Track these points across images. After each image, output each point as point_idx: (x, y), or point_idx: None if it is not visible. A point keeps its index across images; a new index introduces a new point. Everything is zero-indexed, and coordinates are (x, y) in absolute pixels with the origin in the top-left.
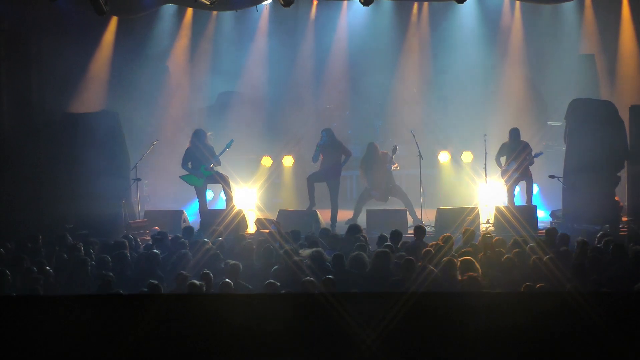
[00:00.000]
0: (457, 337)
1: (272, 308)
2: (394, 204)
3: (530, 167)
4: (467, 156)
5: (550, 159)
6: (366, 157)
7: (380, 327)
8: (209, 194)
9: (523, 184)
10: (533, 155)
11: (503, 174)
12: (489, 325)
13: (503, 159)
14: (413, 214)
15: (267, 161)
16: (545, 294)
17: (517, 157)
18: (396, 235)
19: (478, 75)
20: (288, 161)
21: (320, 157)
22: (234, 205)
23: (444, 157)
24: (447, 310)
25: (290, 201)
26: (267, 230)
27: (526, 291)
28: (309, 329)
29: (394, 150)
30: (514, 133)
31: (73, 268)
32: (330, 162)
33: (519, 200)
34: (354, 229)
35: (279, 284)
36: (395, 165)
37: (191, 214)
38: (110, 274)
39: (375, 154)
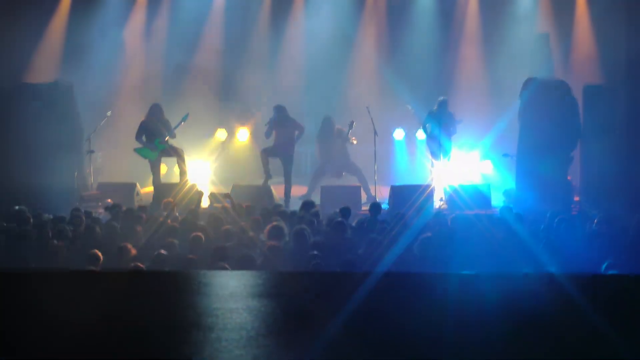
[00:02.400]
0: (426, 316)
1: (229, 285)
2: (349, 181)
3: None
4: (421, 134)
5: (505, 137)
6: (321, 131)
7: (344, 306)
8: (163, 168)
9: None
10: (456, 120)
11: (428, 142)
12: (454, 306)
13: (428, 127)
14: (367, 191)
15: (221, 134)
16: (505, 275)
17: (442, 126)
18: (346, 211)
19: (434, 53)
20: (243, 135)
21: (274, 133)
22: (187, 180)
23: (399, 134)
24: (415, 290)
25: (245, 175)
26: (221, 205)
27: (487, 273)
28: (267, 308)
29: (351, 126)
30: (443, 102)
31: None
32: (283, 138)
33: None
34: (308, 205)
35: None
36: (352, 139)
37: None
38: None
39: (331, 129)
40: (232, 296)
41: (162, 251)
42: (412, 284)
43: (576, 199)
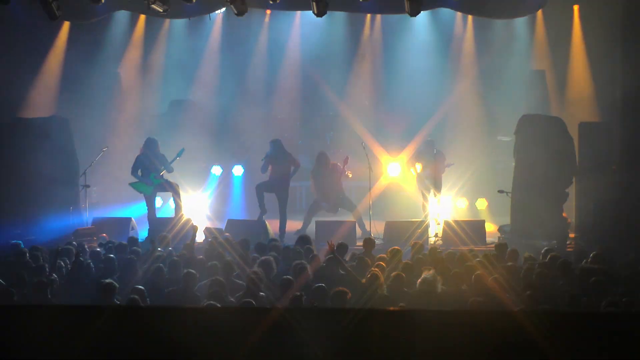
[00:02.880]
0: (404, 354)
1: (224, 321)
2: (343, 216)
3: (477, 181)
4: (417, 169)
5: (500, 173)
6: (316, 167)
7: (328, 343)
8: (158, 201)
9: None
10: (446, 165)
11: (418, 182)
12: (436, 343)
13: (420, 166)
14: (362, 226)
15: (217, 170)
16: (491, 312)
17: (431, 165)
18: (342, 247)
19: (430, 89)
20: (238, 170)
21: (269, 168)
22: (182, 214)
23: (393, 169)
24: (395, 327)
25: (240, 211)
26: (216, 240)
27: (473, 309)
28: (260, 343)
29: (346, 162)
30: (429, 143)
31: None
32: (278, 173)
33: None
34: (303, 239)
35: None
36: (348, 172)
37: (139, 220)
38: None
39: (326, 164)
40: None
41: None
42: (401, 321)
43: (571, 235)
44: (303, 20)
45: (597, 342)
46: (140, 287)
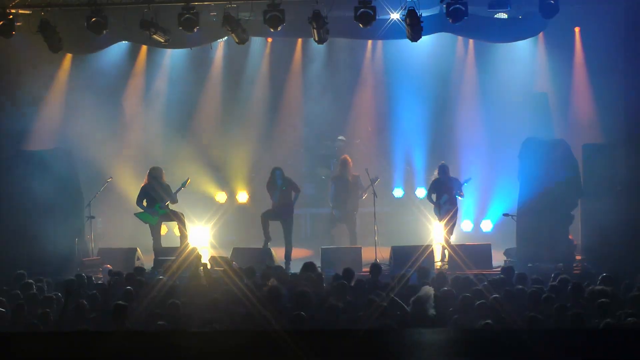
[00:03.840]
0: None
1: (228, 345)
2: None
3: (483, 204)
4: (420, 192)
5: (504, 197)
6: (338, 172)
7: None
8: (163, 230)
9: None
10: (462, 181)
11: (436, 210)
12: None
13: (434, 196)
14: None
15: (221, 197)
16: (499, 331)
17: (447, 191)
18: (348, 272)
19: (432, 112)
20: (242, 197)
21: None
22: (188, 243)
23: (397, 192)
24: (399, 347)
25: (245, 239)
26: (222, 268)
27: (480, 328)
28: None
29: (374, 181)
30: (443, 168)
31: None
32: (283, 200)
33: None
34: (309, 266)
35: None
36: (364, 193)
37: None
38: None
39: (348, 171)
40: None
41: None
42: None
43: (578, 257)
44: (304, 47)
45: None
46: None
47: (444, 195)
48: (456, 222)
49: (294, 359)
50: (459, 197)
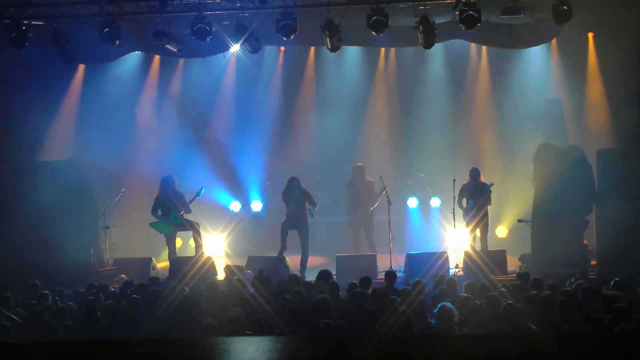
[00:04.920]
0: None
1: (244, 351)
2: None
3: (497, 210)
4: (435, 202)
5: (519, 202)
6: (352, 179)
7: None
8: (178, 242)
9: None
10: (486, 188)
11: (465, 215)
12: None
13: (464, 201)
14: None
15: (235, 206)
16: (517, 336)
17: (476, 197)
18: (366, 281)
19: (446, 120)
20: (257, 206)
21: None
22: (203, 252)
23: (412, 202)
24: (419, 352)
25: (259, 247)
26: (237, 277)
27: (499, 333)
28: None
29: (382, 189)
30: (474, 173)
31: (42, 316)
32: (299, 210)
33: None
34: (324, 274)
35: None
36: (375, 204)
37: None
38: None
39: (362, 177)
40: None
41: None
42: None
43: (593, 262)
44: (317, 56)
45: None
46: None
47: (470, 201)
48: (486, 229)
49: None
50: (488, 204)
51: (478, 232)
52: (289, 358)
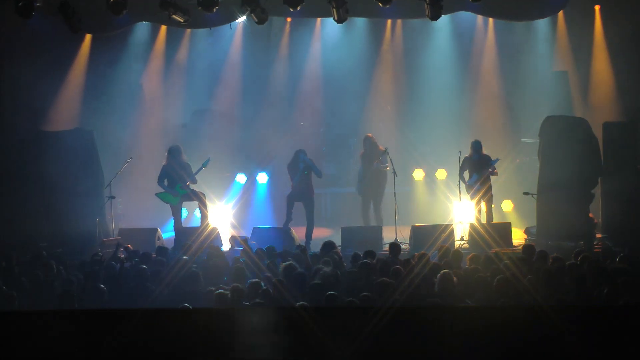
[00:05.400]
0: (434, 350)
1: (250, 321)
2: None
3: (503, 183)
4: (441, 174)
5: (524, 175)
6: (366, 150)
7: (358, 341)
8: (183, 212)
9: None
10: (492, 162)
11: (468, 188)
12: (466, 339)
13: (466, 174)
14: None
15: (241, 178)
16: (521, 308)
17: (479, 170)
18: (370, 254)
19: (452, 92)
20: (262, 178)
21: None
22: (208, 223)
23: (418, 174)
24: (424, 325)
25: (265, 219)
26: (241, 248)
27: (503, 305)
28: (287, 343)
29: (385, 152)
30: (476, 145)
31: (46, 287)
32: (303, 182)
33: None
34: (328, 245)
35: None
36: (387, 166)
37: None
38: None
39: (374, 145)
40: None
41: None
42: (425, 318)
43: (598, 235)
44: (323, 27)
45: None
46: None
47: (474, 175)
48: (491, 201)
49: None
50: (493, 175)
51: (483, 204)
52: (293, 329)
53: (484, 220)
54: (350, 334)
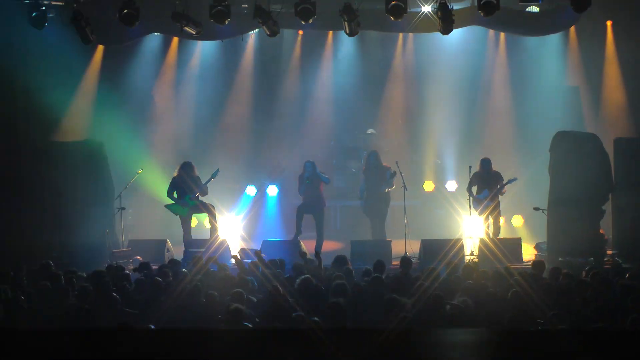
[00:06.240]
0: None
1: (260, 344)
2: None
3: (512, 198)
4: (451, 185)
5: (535, 191)
6: (367, 166)
7: None
8: (193, 222)
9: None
10: (507, 181)
11: (476, 204)
12: None
13: (475, 189)
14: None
15: (251, 190)
16: (529, 332)
17: (489, 186)
18: (380, 265)
19: (463, 106)
20: (272, 190)
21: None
22: (217, 235)
23: (428, 186)
24: (432, 347)
25: (274, 231)
26: (251, 261)
27: (512, 328)
28: None
29: (393, 175)
30: (485, 163)
31: (55, 298)
32: (310, 193)
33: (505, 231)
34: (340, 260)
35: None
36: (391, 187)
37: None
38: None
39: (378, 161)
40: None
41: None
42: (434, 341)
43: (609, 252)
44: (335, 40)
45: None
46: None
47: (485, 190)
48: (498, 217)
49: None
50: (500, 194)
51: (491, 220)
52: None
53: (491, 235)
54: (360, 356)
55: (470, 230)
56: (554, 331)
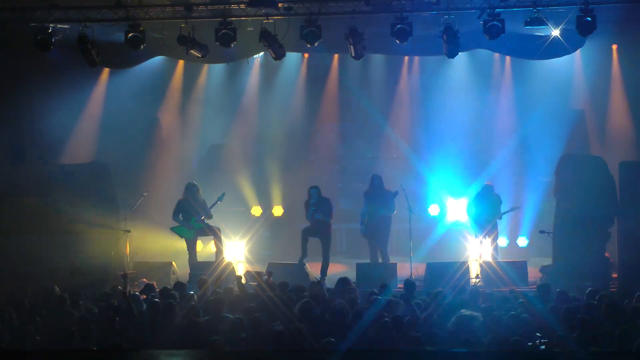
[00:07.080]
0: None
1: None
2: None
3: (517, 221)
4: (455, 207)
5: (541, 214)
6: (370, 189)
7: None
8: (199, 245)
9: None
10: (508, 209)
11: (475, 226)
12: None
13: (473, 211)
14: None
15: (257, 211)
16: (535, 353)
17: (488, 209)
18: (385, 288)
19: (468, 129)
20: (278, 211)
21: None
22: (223, 258)
23: (434, 210)
24: None
25: (280, 254)
26: (256, 283)
27: (518, 351)
28: None
29: (395, 195)
30: (486, 188)
31: (60, 320)
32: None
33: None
34: (344, 281)
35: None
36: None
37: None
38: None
39: (380, 187)
40: None
41: None
42: None
43: (614, 275)
44: (341, 63)
45: None
46: None
47: (484, 214)
48: (496, 239)
49: None
50: (497, 219)
51: (489, 242)
52: None
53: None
54: None
55: (475, 252)
56: (561, 353)
